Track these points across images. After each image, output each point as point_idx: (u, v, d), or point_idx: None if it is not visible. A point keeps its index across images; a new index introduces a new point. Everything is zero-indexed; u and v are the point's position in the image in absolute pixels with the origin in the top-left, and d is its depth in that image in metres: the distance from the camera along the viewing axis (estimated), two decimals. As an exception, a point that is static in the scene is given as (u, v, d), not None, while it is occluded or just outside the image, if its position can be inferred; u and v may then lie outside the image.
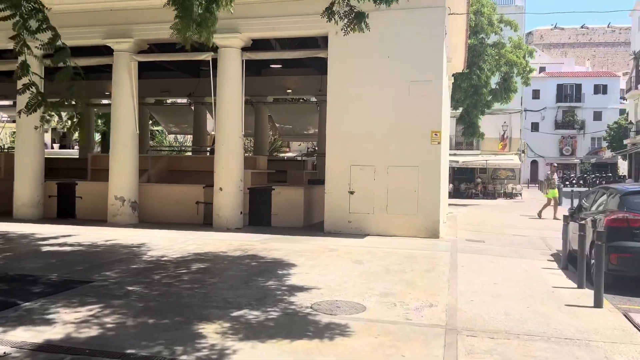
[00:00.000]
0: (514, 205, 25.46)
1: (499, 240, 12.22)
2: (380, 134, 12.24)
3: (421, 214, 11.93)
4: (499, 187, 32.32)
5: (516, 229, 14.90)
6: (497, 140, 34.68)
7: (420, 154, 11.95)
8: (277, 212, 13.50)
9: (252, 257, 9.18)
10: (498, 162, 32.41)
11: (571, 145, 54.81)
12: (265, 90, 22.09)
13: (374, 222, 12.18)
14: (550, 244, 11.98)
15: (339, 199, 12.38)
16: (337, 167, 12.45)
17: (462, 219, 17.13)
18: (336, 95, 12.53)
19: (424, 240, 11.41)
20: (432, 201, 11.91)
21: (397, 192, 12.04)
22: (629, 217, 7.12)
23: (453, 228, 14.05)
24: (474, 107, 24.54)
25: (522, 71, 24.18)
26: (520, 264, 9.18)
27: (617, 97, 55.23)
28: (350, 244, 10.74)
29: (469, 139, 28.18)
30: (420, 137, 11.98)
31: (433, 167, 11.95)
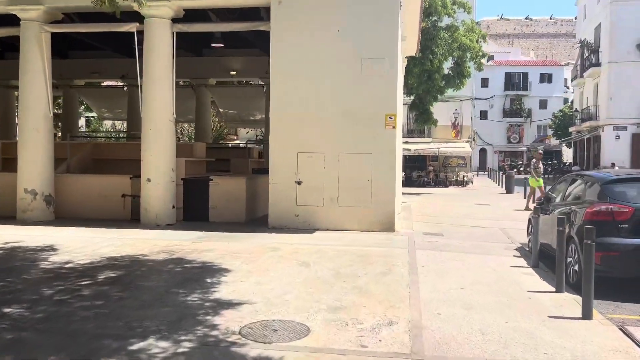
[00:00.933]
0: (466, 193, 24.92)
1: (458, 233, 11.25)
2: (330, 118, 10.98)
3: (375, 206, 10.79)
4: (451, 175, 31.89)
5: (473, 219, 14.06)
6: (448, 128, 34.24)
7: (374, 139, 10.78)
8: (216, 206, 12.03)
9: (178, 261, 7.72)
10: (450, 149, 31.96)
11: (518, 133, 55.63)
12: (207, 72, 20.37)
13: (324, 216, 10.94)
14: (512, 236, 11.14)
15: (284, 190, 11.06)
16: (283, 154, 11.11)
17: (417, 209, 16.19)
18: (280, 73, 11.14)
19: (378, 235, 10.27)
20: (386, 192, 10.78)
21: (349, 181, 10.84)
22: (614, 209, 6.17)
23: (408, 220, 13.02)
24: (427, 93, 23.69)
25: (475, 56, 23.50)
26: (486, 261, 8.17)
27: (562, 86, 56.43)
28: (297, 242, 9.45)
29: (422, 126, 27.40)
30: (373, 121, 10.80)
31: (388, 154, 10.81)
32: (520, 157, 55.65)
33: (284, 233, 10.37)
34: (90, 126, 36.26)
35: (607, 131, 33.78)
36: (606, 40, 34.28)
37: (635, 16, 32.74)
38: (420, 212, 15.41)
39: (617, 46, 33.23)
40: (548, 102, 55.47)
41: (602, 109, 34.91)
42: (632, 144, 33.23)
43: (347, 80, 10.91)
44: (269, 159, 11.21)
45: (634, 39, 32.87)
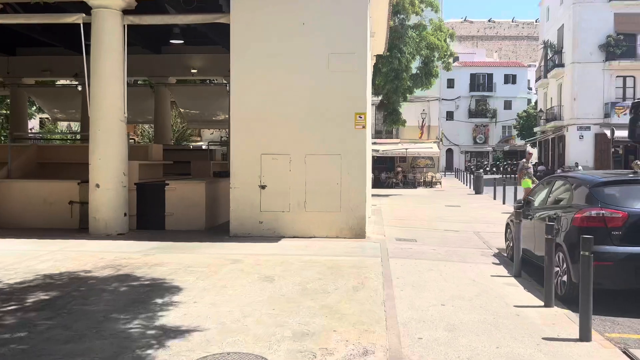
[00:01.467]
0: (436, 194, 24.57)
1: (432, 239, 10.68)
2: (296, 117, 10.25)
3: (345, 211, 10.11)
4: (419, 175, 31.60)
5: (446, 222, 13.55)
6: (416, 129, 33.95)
7: (343, 140, 10.11)
8: (173, 213, 11.12)
9: (124, 278, 6.84)
10: (418, 150, 31.64)
11: (484, 134, 56.11)
12: (167, 70, 19.34)
13: (290, 222, 10.19)
14: (488, 240, 10.64)
15: (247, 194, 10.25)
16: (245, 156, 10.31)
17: (387, 212, 15.61)
18: (241, 69, 10.34)
19: (348, 242, 9.59)
20: (357, 195, 10.12)
21: (317, 185, 10.13)
22: (606, 215, 5.64)
23: (379, 224, 12.39)
24: (395, 92, 23.21)
25: (443, 55, 23.18)
26: (464, 270, 7.57)
27: (525, 87, 57.24)
28: (261, 252, 8.67)
29: (391, 126, 26.96)
30: (342, 120, 10.13)
31: (358, 155, 10.14)
32: (486, 157, 56.13)
33: (246, 242, 9.57)
34: (44, 127, 34.44)
35: (572, 131, 34.15)
36: (569, 41, 34.67)
37: (597, 17, 33.19)
38: (391, 215, 14.82)
39: (580, 47, 33.62)
40: (512, 103, 56.14)
41: (566, 109, 35.29)
42: (595, 144, 33.67)
43: (314, 76, 10.21)
44: (230, 162, 10.39)
45: (596, 40, 33.32)
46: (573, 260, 5.77)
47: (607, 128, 32.14)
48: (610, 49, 32.77)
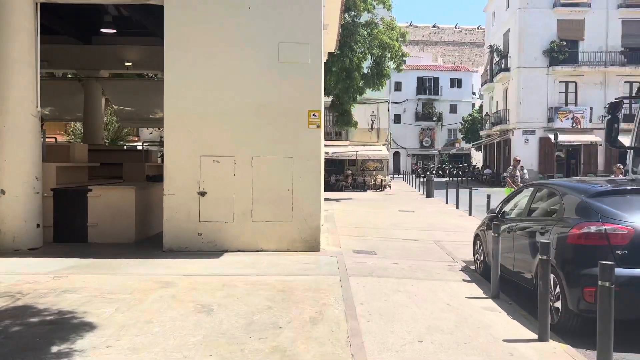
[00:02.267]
0: (387, 198, 23.88)
1: (392, 250, 9.72)
2: (241, 114, 9.02)
3: (297, 221, 8.97)
4: (369, 179, 30.94)
5: (403, 230, 12.68)
6: (365, 131, 33.27)
7: (295, 140, 8.98)
8: (97, 223, 9.61)
9: (22, 311, 5.40)
10: (367, 153, 30.97)
11: (430, 137, 56.55)
12: (98, 63, 17.49)
13: (235, 234, 8.94)
14: (450, 251, 9.82)
15: (184, 202, 8.92)
16: (181, 158, 8.97)
17: (340, 218, 14.60)
18: (177, 58, 9.01)
19: (301, 257, 8.45)
20: (311, 203, 9.00)
21: (266, 191, 8.94)
22: (609, 231, 4.80)
23: (334, 233, 11.34)
24: (346, 92, 22.33)
25: (395, 55, 22.52)
26: (435, 291, 6.61)
27: (470, 91, 58.18)
28: (198, 271, 7.38)
29: (342, 128, 26.08)
30: (294, 118, 9.00)
31: (312, 158, 9.04)
32: (432, 160, 56.58)
33: (182, 258, 8.24)
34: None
35: (517, 135, 34.58)
36: (515, 46, 35.14)
37: (541, 23, 33.79)
38: (345, 222, 13.82)
39: (526, 52, 34.12)
40: (458, 107, 56.90)
41: (512, 113, 35.75)
42: (539, 148, 34.23)
43: (262, 68, 9.02)
44: (164, 165, 9.02)
45: (540, 45, 33.92)
46: (570, 284, 4.90)
47: (551, 132, 32.75)
48: (553, 54, 33.44)
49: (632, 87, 34.16)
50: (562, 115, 33.51)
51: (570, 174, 34.67)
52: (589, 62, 33.56)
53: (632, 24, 33.66)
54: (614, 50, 33.67)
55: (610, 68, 33.35)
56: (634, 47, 33.69)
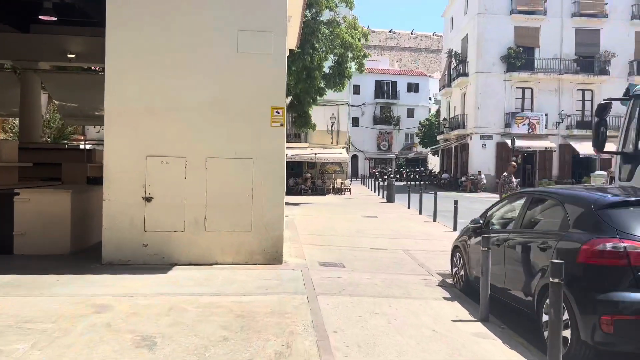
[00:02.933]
0: (347, 202, 23.16)
1: (360, 261, 8.90)
2: (194, 109, 7.99)
3: (258, 230, 8.01)
4: (328, 182, 30.19)
5: (368, 237, 11.92)
6: (324, 133, 32.59)
7: (256, 140, 8.03)
8: (25, 232, 8.33)
9: None
10: (327, 156, 30.22)
11: (388, 141, 56.50)
12: (37, 54, 15.90)
13: (186, 245, 7.90)
14: (423, 262, 9.09)
15: (127, 209, 7.80)
16: (124, 158, 7.85)
17: (302, 224, 13.70)
18: (120, 42, 7.89)
19: (262, 272, 7.50)
20: (273, 210, 8.07)
21: (222, 197, 7.95)
22: (629, 249, 4.12)
23: (296, 242, 10.43)
24: (307, 93, 21.50)
25: (357, 55, 21.86)
26: (417, 313, 5.82)
27: (427, 96, 58.59)
28: (142, 290, 6.32)
29: (300, 129, 25.21)
30: (255, 115, 8.05)
31: (275, 159, 8.11)
32: (389, 164, 56.54)
33: (124, 273, 7.13)
34: None
35: (475, 139, 34.70)
36: (473, 51, 35.31)
37: (499, 29, 34.08)
38: (307, 228, 12.93)
39: (484, 57, 34.32)
40: (415, 111, 57.16)
41: (470, 118, 35.89)
42: (496, 153, 34.46)
43: (219, 59, 8.03)
44: (104, 165, 7.87)
45: (498, 51, 34.19)
46: (583, 311, 4.19)
47: (508, 137, 33.02)
48: (511, 60, 33.77)
49: (584, 94, 35.00)
50: (519, 120, 33.87)
51: (526, 179, 35.09)
52: (544, 69, 34.09)
53: (585, 32, 34.45)
54: (567, 58, 34.34)
55: (565, 75, 33.99)
56: (587, 56, 34.48)
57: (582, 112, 34.92)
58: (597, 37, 34.53)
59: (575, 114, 34.56)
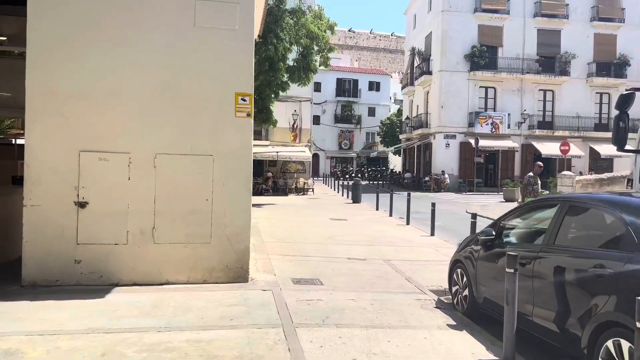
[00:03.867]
0: (312, 203, 21.88)
1: (340, 276, 7.65)
2: (141, 95, 6.55)
3: (219, 242, 6.65)
4: (290, 181, 28.83)
5: (342, 244, 10.70)
6: (286, 130, 31.16)
7: (218, 133, 6.67)
8: None
9: None
10: (289, 154, 28.83)
11: (349, 140, 55.59)
12: (-40, 35, 13.89)
13: (129, 261, 6.44)
14: (409, 274, 7.95)
15: (55, 216, 6.28)
16: (51, 154, 6.33)
17: (267, 229, 12.35)
18: (47, 15, 6.35)
19: (224, 294, 6.14)
20: (238, 218, 6.72)
21: (175, 202, 6.54)
22: None
23: (263, 253, 9.09)
24: (268, 86, 20.06)
25: (323, 47, 20.62)
26: (426, 352, 4.62)
27: (388, 95, 58.05)
28: (67, 324, 4.85)
29: (261, 126, 23.69)
30: (217, 103, 6.68)
31: (240, 156, 6.76)
32: (350, 163, 55.68)
33: (48, 299, 5.63)
34: None
35: (439, 139, 34.14)
36: (437, 49, 34.74)
37: (463, 27, 33.63)
38: (273, 234, 11.59)
39: (448, 55, 33.79)
40: (376, 110, 56.50)
41: (434, 117, 35.32)
42: (460, 152, 34.01)
43: (171, 35, 6.61)
44: (25, 162, 6.31)
45: (462, 49, 33.73)
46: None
47: (472, 137, 32.64)
48: (474, 59, 33.37)
49: (545, 95, 35.06)
50: (482, 120, 33.53)
51: (489, 179, 34.85)
52: (507, 69, 33.88)
53: (546, 33, 34.47)
54: (530, 58, 34.26)
55: (527, 75, 33.88)
56: (548, 56, 34.51)
57: (543, 112, 34.96)
58: (558, 38, 34.63)
59: (537, 114, 34.54)
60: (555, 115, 34.82)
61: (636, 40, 35.07)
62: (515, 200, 24.85)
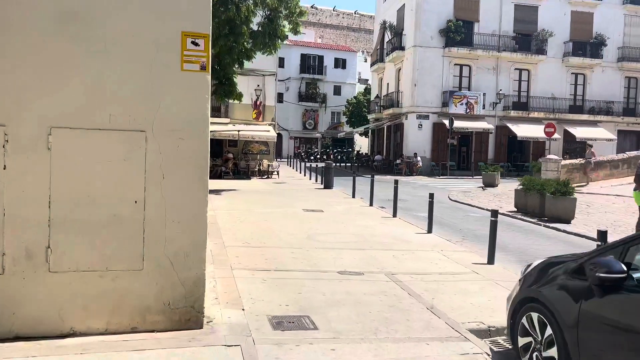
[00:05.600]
0: (279, 189, 19.44)
1: (337, 308, 5.35)
2: (22, 31, 3.96)
3: (156, 267, 4.23)
4: (253, 164, 26.25)
5: (327, 248, 8.42)
6: (248, 107, 28.39)
7: (154, 96, 4.18)
8: None
9: None
10: (252, 133, 26.16)
11: (314, 119, 53.08)
12: None
13: (8, 300, 3.94)
14: (427, 298, 5.79)
15: None
16: None
17: (228, 226, 9.92)
18: None
19: (163, 355, 3.75)
20: (187, 229, 4.30)
21: (84, 206, 4.06)
22: None
23: (224, 265, 6.69)
24: (229, 53, 17.37)
25: (292, 11, 18.01)
26: None
27: (355, 73, 55.72)
28: None
29: (222, 100, 20.90)
30: (151, 47, 4.18)
31: (190, 132, 4.31)
32: (315, 143, 53.31)
33: None
34: None
35: (411, 119, 32.17)
36: (411, 22, 32.55)
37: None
38: (236, 234, 9.17)
39: (422, 30, 31.68)
40: (342, 89, 54.13)
41: (406, 95, 33.29)
42: (433, 134, 32.19)
43: None
44: None
45: (437, 23, 31.67)
46: None
47: (446, 117, 30.83)
48: (450, 34, 31.39)
49: (521, 74, 33.56)
50: (457, 99, 31.73)
51: (461, 162, 33.27)
52: (483, 46, 32.07)
53: (523, 9, 32.81)
54: (506, 35, 32.57)
55: (503, 53, 32.19)
56: (525, 34, 32.92)
57: (518, 92, 33.48)
58: (535, 15, 33.04)
59: (513, 94, 33.03)
60: (530, 96, 33.40)
61: (612, 19, 33.94)
62: (496, 186, 23.27)
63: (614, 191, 19.63)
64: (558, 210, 12.75)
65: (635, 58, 34.24)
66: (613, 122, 34.23)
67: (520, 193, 14.63)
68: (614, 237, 11.14)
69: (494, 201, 17.38)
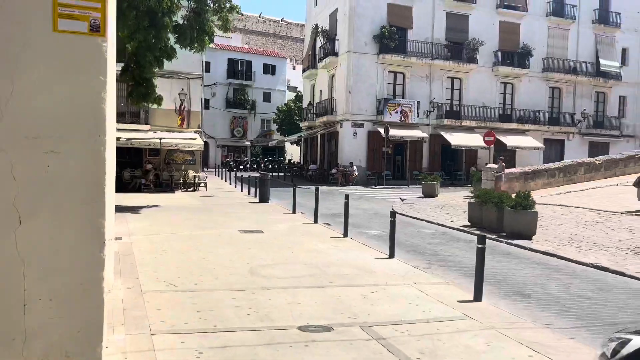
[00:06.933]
0: (209, 205, 17.28)
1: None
2: None
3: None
4: (177, 175, 23.79)
5: (277, 290, 6.65)
6: (171, 113, 25.89)
7: (6, 73, 2.23)
8: None
9: None
10: (176, 141, 23.68)
11: (242, 127, 50.77)
12: None
13: None
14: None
15: None
16: None
17: (147, 256, 7.87)
18: None
19: None
20: (68, 310, 2.37)
21: None
22: None
23: (140, 330, 4.74)
24: (149, 50, 15.13)
25: (222, 5, 16.08)
26: None
27: (285, 80, 54.11)
28: None
29: (140, 104, 18.40)
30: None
31: (71, 140, 2.39)
32: (244, 152, 51.02)
33: None
34: None
35: (346, 127, 31.00)
36: (344, 27, 31.49)
37: (372, 4, 30.71)
38: (157, 270, 7.16)
39: (356, 35, 30.67)
40: (272, 95, 52.32)
41: (340, 103, 32.12)
42: (368, 142, 31.19)
43: None
44: None
45: (371, 29, 30.82)
46: None
47: (381, 126, 29.95)
48: (384, 40, 30.63)
49: (453, 83, 33.46)
50: (392, 107, 30.97)
51: (396, 171, 32.53)
52: (416, 53, 31.60)
53: (455, 17, 32.78)
54: (439, 42, 32.34)
55: (436, 61, 31.89)
56: (457, 42, 32.88)
57: (451, 101, 33.34)
58: (466, 23, 33.11)
59: (446, 102, 32.82)
60: (462, 104, 33.37)
61: (537, 31, 34.77)
62: (436, 196, 22.46)
63: (556, 201, 19.31)
64: (519, 225, 11.75)
65: (558, 69, 35.27)
66: (539, 131, 34.95)
67: (475, 206, 13.59)
68: (581, 254, 10.33)
69: (441, 214, 16.33)
